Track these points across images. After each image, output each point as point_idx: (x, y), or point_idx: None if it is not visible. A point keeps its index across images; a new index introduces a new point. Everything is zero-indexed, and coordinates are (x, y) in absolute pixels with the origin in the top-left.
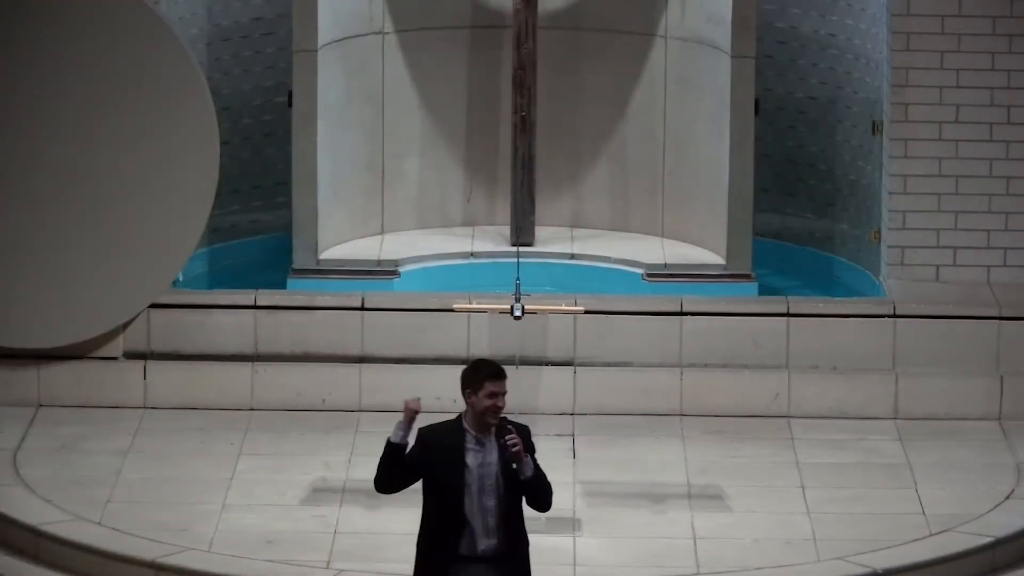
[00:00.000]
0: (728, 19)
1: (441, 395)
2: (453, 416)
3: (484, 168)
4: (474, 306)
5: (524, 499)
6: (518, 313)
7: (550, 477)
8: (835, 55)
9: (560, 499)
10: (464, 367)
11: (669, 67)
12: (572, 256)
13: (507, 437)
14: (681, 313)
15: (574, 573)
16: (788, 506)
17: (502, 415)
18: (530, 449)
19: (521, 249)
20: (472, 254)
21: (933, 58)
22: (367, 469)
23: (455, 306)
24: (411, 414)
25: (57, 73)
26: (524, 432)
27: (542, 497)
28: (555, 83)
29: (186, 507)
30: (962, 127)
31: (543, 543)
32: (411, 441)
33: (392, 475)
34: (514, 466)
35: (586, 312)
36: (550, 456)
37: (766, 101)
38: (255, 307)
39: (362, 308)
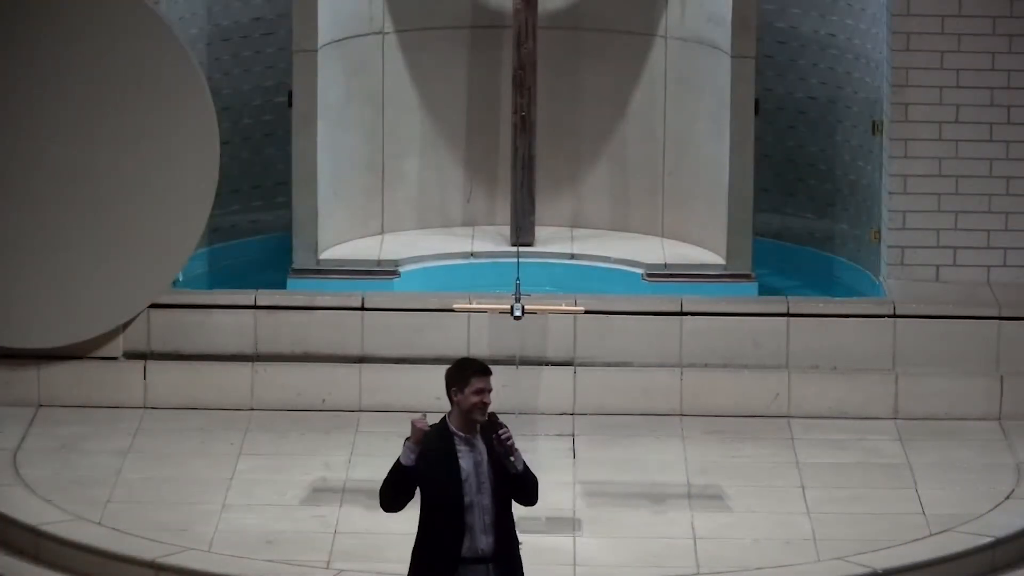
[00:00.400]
0: (728, 19)
1: (441, 395)
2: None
3: (484, 168)
4: (474, 306)
5: (513, 495)
6: (518, 313)
7: (550, 477)
8: (835, 55)
9: (560, 499)
10: (447, 367)
11: (669, 67)
12: (572, 256)
13: (500, 431)
14: (681, 313)
15: (574, 573)
16: (788, 506)
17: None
18: None
19: (521, 249)
20: (472, 254)
21: (933, 58)
22: (367, 469)
23: (455, 306)
24: (419, 435)
25: (57, 73)
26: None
27: (530, 490)
28: (555, 83)
29: (186, 507)
30: (962, 127)
31: (543, 543)
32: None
33: (398, 493)
34: (511, 459)
35: (586, 312)
36: (550, 456)
37: (766, 101)
38: (255, 307)
39: (362, 308)
